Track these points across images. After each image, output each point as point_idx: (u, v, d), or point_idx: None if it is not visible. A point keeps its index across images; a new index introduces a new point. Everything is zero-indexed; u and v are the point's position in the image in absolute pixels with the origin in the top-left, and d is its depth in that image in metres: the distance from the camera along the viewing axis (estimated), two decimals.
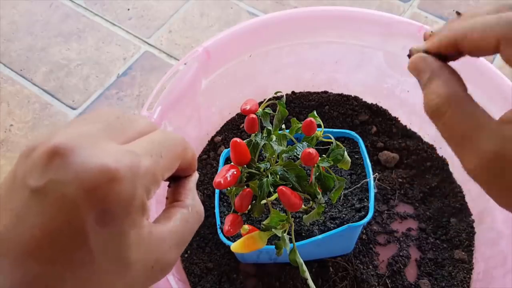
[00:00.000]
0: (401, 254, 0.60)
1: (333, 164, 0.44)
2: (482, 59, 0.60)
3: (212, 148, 0.68)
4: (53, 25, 0.85)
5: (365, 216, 0.51)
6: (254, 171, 0.42)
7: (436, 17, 0.86)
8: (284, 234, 0.42)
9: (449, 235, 0.61)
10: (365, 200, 0.53)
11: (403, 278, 0.58)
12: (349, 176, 0.57)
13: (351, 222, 0.51)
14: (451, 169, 0.66)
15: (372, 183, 0.52)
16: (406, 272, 0.59)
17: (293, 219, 0.45)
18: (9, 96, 0.76)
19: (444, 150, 0.67)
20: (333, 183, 0.43)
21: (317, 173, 0.42)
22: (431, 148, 0.68)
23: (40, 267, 0.21)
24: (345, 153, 0.44)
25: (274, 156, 0.43)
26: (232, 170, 0.39)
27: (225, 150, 0.56)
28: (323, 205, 0.44)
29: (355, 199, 0.54)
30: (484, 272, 0.57)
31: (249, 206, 0.42)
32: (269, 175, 0.41)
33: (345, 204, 0.53)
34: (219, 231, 0.51)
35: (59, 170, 0.21)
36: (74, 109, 0.75)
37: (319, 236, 0.49)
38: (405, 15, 0.86)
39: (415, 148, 0.67)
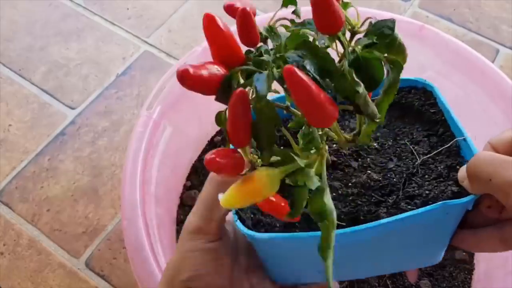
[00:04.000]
0: None
1: (376, 44, 0.26)
2: (483, 58, 0.59)
3: (212, 148, 0.68)
4: (52, 25, 0.84)
5: (464, 192, 0.32)
6: (252, 68, 0.26)
7: (437, 16, 0.85)
8: (312, 171, 0.26)
9: None
10: (459, 167, 0.34)
11: (403, 279, 0.58)
12: (425, 139, 0.38)
13: (443, 200, 0.31)
14: None
15: (472, 142, 0.34)
16: (407, 272, 0.59)
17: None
18: (8, 96, 0.76)
19: None
20: (382, 71, 0.26)
21: (353, 57, 0.26)
22: None
23: None
24: (397, 32, 0.26)
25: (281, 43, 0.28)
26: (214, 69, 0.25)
27: None
28: (378, 120, 0.27)
29: (441, 166, 0.35)
30: (485, 272, 0.57)
31: (251, 138, 0.27)
32: (274, 69, 0.25)
33: (427, 176, 0.34)
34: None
35: None
36: (73, 108, 0.75)
37: (389, 219, 0.30)
38: (405, 14, 0.86)
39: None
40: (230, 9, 0.30)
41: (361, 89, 0.25)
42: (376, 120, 0.27)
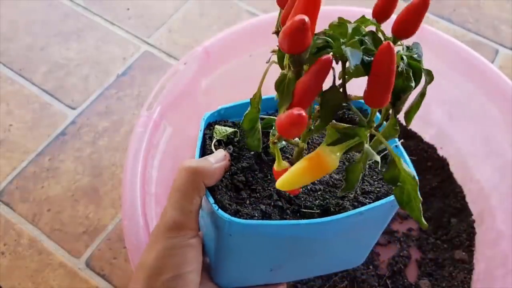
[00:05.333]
0: (401, 254, 0.60)
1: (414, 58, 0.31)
2: (482, 58, 0.59)
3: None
4: (52, 25, 0.84)
5: None
6: (325, 39, 0.28)
7: (437, 17, 0.85)
8: (366, 144, 0.30)
9: (450, 235, 0.61)
10: None
11: (403, 279, 0.58)
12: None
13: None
14: (451, 169, 0.66)
15: (402, 149, 0.40)
16: (407, 272, 0.59)
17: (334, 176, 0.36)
18: (8, 96, 0.76)
19: (444, 150, 0.67)
20: (420, 78, 0.30)
21: (405, 61, 0.30)
22: (432, 148, 0.67)
23: None
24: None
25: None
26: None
27: (208, 114, 0.42)
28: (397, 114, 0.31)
29: (384, 169, 0.43)
30: (484, 272, 0.57)
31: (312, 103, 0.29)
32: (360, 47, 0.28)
33: (374, 177, 0.41)
34: (213, 204, 0.34)
35: None
36: (73, 108, 0.75)
37: (362, 208, 0.36)
38: None
39: (416, 148, 0.67)
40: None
41: (413, 84, 0.29)
42: (397, 115, 0.31)
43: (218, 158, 0.35)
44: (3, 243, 0.63)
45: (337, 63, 0.29)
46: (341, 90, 0.30)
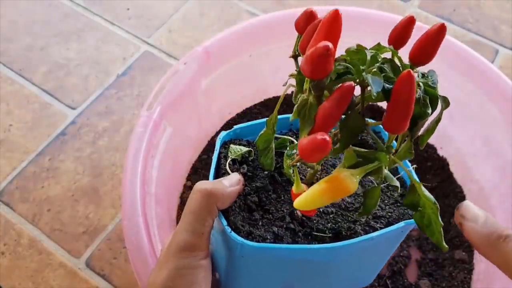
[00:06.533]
0: (401, 254, 0.60)
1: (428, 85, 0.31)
2: (482, 59, 0.60)
3: (212, 148, 0.68)
4: (52, 25, 0.84)
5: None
6: (346, 65, 0.29)
7: (437, 17, 0.85)
8: (386, 169, 0.31)
9: (450, 235, 0.61)
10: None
11: (403, 279, 0.58)
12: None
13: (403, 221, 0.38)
14: (451, 169, 0.66)
15: (414, 173, 0.39)
16: (407, 272, 0.59)
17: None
18: (8, 96, 0.76)
19: (444, 150, 0.67)
20: (436, 105, 0.31)
21: (422, 88, 0.30)
22: (432, 148, 0.68)
23: None
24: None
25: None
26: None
27: (224, 133, 0.41)
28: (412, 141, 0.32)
29: (396, 194, 0.41)
30: (484, 272, 0.57)
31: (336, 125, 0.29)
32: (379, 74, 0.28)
33: (386, 201, 0.41)
34: (224, 223, 0.35)
35: None
36: (73, 108, 0.75)
37: (373, 234, 0.36)
38: (405, 15, 0.86)
39: (416, 148, 0.67)
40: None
41: (430, 111, 0.29)
42: (413, 139, 0.31)
43: (233, 182, 0.35)
44: (3, 243, 0.63)
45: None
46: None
